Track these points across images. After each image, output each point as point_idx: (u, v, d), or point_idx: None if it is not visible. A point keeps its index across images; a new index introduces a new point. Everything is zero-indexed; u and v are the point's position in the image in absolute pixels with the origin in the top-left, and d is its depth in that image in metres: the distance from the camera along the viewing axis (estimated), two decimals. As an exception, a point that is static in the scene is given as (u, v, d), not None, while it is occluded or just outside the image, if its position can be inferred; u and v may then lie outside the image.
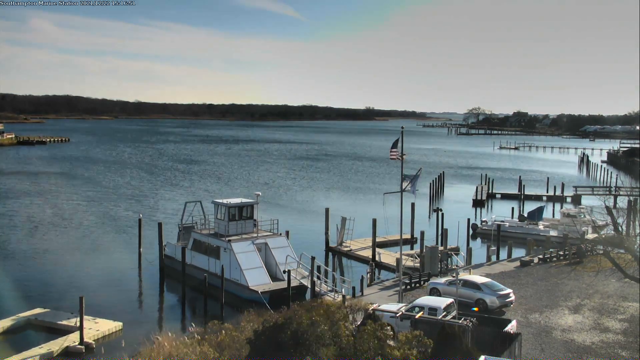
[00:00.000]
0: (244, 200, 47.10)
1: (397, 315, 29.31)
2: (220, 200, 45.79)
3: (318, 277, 40.58)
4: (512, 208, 70.62)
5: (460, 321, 26.93)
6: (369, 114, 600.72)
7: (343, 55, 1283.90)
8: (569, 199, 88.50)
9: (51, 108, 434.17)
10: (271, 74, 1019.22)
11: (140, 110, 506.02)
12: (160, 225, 48.41)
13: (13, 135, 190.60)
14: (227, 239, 42.82)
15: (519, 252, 52.20)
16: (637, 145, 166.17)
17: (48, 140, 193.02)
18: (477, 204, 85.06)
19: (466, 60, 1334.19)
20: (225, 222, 44.05)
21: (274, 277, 41.69)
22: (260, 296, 38.49)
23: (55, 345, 30.84)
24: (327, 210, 56.10)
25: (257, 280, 40.58)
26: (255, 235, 44.50)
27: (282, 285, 39.60)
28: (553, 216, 72.91)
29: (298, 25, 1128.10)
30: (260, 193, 47.97)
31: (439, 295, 36.37)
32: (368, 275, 42.89)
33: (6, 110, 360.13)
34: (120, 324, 34.53)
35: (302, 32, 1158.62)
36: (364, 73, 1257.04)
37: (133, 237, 53.56)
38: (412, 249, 54.64)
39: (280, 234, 45.50)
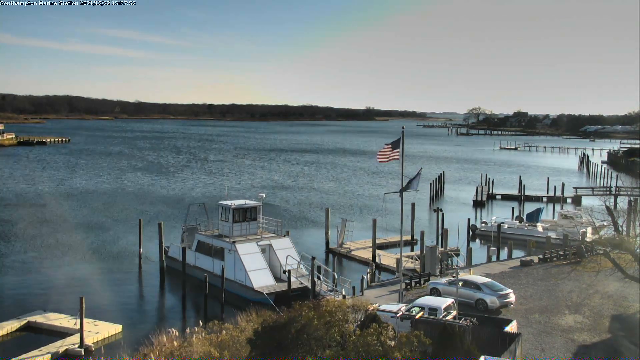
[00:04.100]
0: (248, 201, 47.19)
1: (397, 315, 29.32)
2: (224, 202, 45.85)
3: (318, 278, 40.63)
4: (512, 208, 70.68)
5: (460, 321, 26.96)
6: (369, 114, 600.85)
7: (343, 55, 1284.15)
8: (569, 200, 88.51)
9: (51, 108, 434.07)
10: (271, 74, 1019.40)
11: (140, 110, 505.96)
12: (160, 225, 48.38)
13: (13, 136, 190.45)
14: (231, 240, 42.89)
15: (518, 253, 52.24)
16: (637, 145, 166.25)
17: (48, 140, 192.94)
18: (477, 204, 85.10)
19: (466, 60, 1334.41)
20: (230, 224, 44.13)
21: (278, 279, 41.77)
22: (266, 297, 38.55)
23: (55, 348, 30.82)
24: (327, 210, 56.12)
25: (262, 281, 40.67)
26: (259, 236, 44.59)
27: (287, 286, 39.68)
28: (553, 217, 72.94)
29: (299, 26, 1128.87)
30: (263, 195, 48.04)
31: (439, 295, 36.40)
32: (368, 275, 42.95)
33: (6, 110, 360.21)
34: (120, 326, 34.50)
35: (302, 32, 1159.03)
36: (364, 73, 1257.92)
37: (134, 239, 53.53)
38: (412, 250, 54.64)
39: (284, 236, 45.59)
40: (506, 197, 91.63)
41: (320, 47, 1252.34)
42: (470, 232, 61.28)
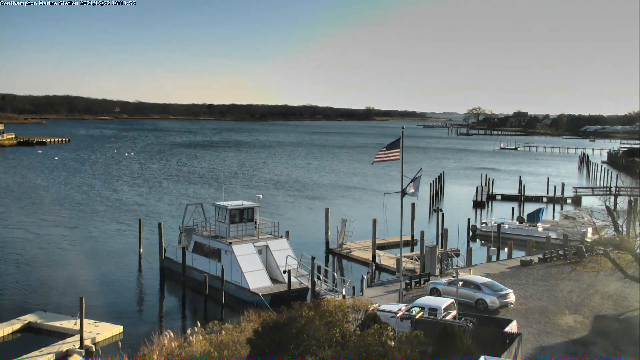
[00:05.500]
0: (245, 202, 47.13)
1: (397, 315, 29.32)
2: (221, 203, 45.82)
3: (318, 277, 40.63)
4: (512, 208, 70.66)
5: (460, 321, 26.95)
6: (369, 114, 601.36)
7: (343, 55, 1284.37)
8: (569, 200, 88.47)
9: (51, 108, 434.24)
10: (271, 74, 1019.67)
11: (140, 110, 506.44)
12: (160, 225, 48.38)
13: (13, 136, 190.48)
14: (228, 241, 42.85)
15: (518, 253, 52.24)
16: (637, 145, 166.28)
17: (48, 140, 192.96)
18: (478, 205, 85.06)
19: (466, 60, 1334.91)
20: (227, 225, 44.09)
21: (275, 280, 41.74)
22: (261, 299, 38.53)
23: (55, 349, 30.79)
24: (327, 210, 56.09)
25: (258, 282, 40.61)
26: (256, 237, 44.54)
27: (283, 287, 39.66)
28: (553, 217, 72.94)
29: (299, 26, 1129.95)
30: (261, 195, 47.97)
31: (439, 295, 36.39)
32: (368, 275, 42.95)
33: (6, 110, 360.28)
34: (121, 327, 34.47)
35: (302, 32, 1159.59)
36: (364, 73, 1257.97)
37: (133, 239, 53.53)
38: (412, 250, 54.63)
39: (281, 237, 45.54)
40: (506, 198, 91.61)
41: (320, 47, 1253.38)
42: (470, 232, 61.29)
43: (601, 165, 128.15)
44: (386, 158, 36.56)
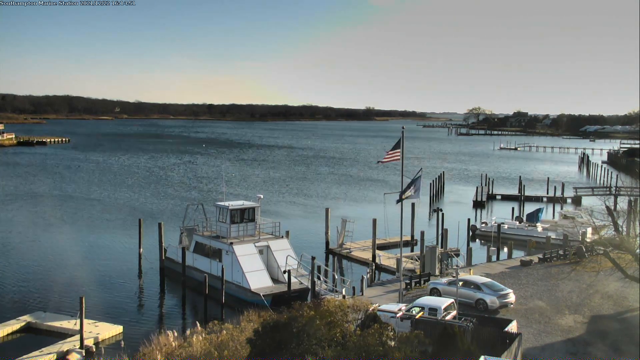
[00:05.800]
0: (246, 202, 47.11)
1: (397, 315, 29.33)
2: (222, 203, 45.78)
3: (318, 277, 40.62)
4: (513, 208, 70.64)
5: (460, 321, 26.96)
6: (369, 114, 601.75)
7: (343, 55, 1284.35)
8: (569, 200, 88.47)
9: (51, 108, 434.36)
10: (271, 73, 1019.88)
11: (140, 110, 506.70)
12: (160, 225, 48.37)
13: (13, 136, 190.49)
14: (229, 241, 42.85)
15: (518, 253, 52.26)
16: (637, 145, 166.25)
17: (48, 140, 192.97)
18: (477, 205, 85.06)
19: (466, 60, 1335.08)
20: (227, 225, 44.07)
21: (276, 280, 41.73)
22: (262, 299, 38.52)
23: (55, 349, 30.79)
24: (327, 210, 56.09)
25: (259, 283, 40.60)
26: (257, 237, 44.53)
27: (284, 287, 39.63)
28: (553, 217, 72.92)
29: (299, 26, 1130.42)
30: (262, 196, 47.93)
31: (439, 295, 36.40)
32: (368, 275, 42.95)
33: (6, 110, 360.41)
34: (121, 327, 34.46)
35: (302, 32, 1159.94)
36: (364, 73, 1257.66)
37: (133, 239, 53.49)
38: (412, 250, 54.62)
39: (282, 237, 45.52)
40: (506, 197, 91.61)
41: (320, 47, 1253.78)
42: (470, 232, 61.30)
43: (601, 165, 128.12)
44: (391, 159, 36.66)
